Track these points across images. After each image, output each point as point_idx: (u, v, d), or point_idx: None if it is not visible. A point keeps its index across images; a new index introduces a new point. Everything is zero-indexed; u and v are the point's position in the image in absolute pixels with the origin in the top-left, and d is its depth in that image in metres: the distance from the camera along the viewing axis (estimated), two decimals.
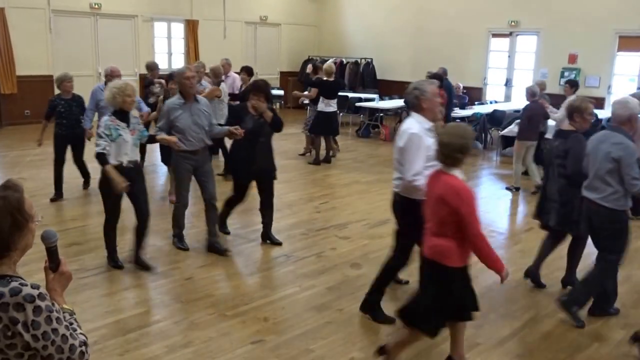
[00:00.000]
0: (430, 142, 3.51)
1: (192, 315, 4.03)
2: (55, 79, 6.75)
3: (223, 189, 5.86)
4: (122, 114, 4.50)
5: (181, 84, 4.97)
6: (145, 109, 6.89)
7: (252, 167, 5.17)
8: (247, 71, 8.35)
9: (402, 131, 3.73)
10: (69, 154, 6.84)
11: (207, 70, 8.00)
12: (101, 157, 4.35)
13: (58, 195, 6.66)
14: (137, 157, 4.67)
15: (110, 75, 6.49)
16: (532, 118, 7.49)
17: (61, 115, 6.50)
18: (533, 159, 7.80)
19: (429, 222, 3.20)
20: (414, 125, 3.68)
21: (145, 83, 8.14)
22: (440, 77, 9.08)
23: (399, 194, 3.85)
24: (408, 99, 3.82)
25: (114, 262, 4.78)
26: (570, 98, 7.26)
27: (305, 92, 9.54)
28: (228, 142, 6.61)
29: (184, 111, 4.90)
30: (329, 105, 8.98)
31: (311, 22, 16.46)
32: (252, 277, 4.81)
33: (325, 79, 8.97)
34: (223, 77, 8.12)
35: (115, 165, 4.39)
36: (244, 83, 8.25)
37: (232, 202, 5.52)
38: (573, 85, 8.08)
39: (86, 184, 7.06)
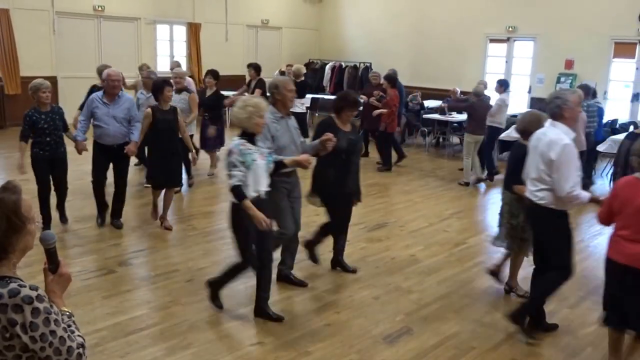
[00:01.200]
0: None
1: (192, 318, 4.08)
2: (29, 87, 5.58)
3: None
4: (251, 137, 3.81)
5: (283, 96, 4.30)
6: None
7: (343, 190, 4.68)
8: (213, 74, 7.85)
9: (552, 142, 3.64)
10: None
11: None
12: (238, 191, 3.66)
13: (47, 226, 5.50)
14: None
15: (109, 80, 5.58)
16: (473, 115, 8.41)
17: (44, 133, 5.40)
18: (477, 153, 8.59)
19: (625, 229, 3.23)
20: (563, 135, 3.65)
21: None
22: (394, 78, 9.28)
23: (545, 206, 3.76)
24: (549, 107, 3.78)
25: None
26: (501, 96, 8.63)
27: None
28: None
29: (281, 127, 4.26)
30: (295, 106, 9.08)
31: (312, 26, 16.54)
32: (251, 280, 4.84)
33: (292, 79, 9.13)
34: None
35: (252, 198, 3.72)
36: (208, 87, 7.85)
37: (328, 229, 4.96)
38: (502, 84, 9.02)
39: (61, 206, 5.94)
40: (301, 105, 9.19)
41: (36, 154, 5.50)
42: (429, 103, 11.91)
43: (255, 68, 8.43)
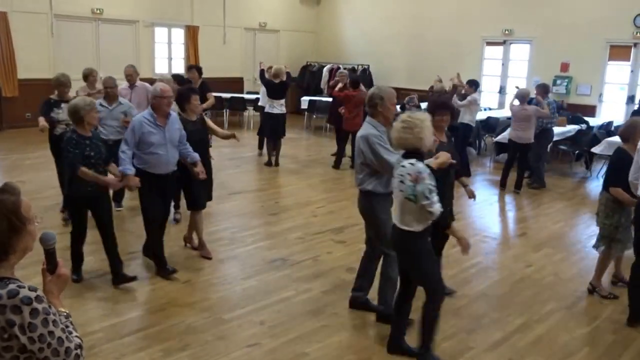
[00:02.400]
0: None
1: (189, 319, 4.07)
2: (69, 108, 4.40)
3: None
4: (419, 155, 3.38)
5: (387, 109, 3.91)
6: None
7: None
8: (198, 70, 7.72)
9: None
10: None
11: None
12: (443, 216, 3.40)
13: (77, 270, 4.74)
14: None
15: (163, 97, 4.62)
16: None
17: (88, 163, 4.32)
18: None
19: None
20: None
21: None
22: (357, 81, 9.31)
23: None
24: None
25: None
26: (473, 95, 8.87)
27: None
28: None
29: (386, 139, 3.96)
30: (273, 107, 9.12)
31: (309, 29, 16.57)
32: (249, 280, 4.87)
33: (269, 79, 9.16)
34: (125, 88, 6.84)
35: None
36: (193, 82, 7.41)
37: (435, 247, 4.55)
38: (472, 84, 9.19)
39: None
40: (280, 106, 9.18)
41: (75, 190, 4.48)
42: (426, 105, 11.93)
43: (198, 70, 7.91)
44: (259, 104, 10.53)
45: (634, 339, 4.09)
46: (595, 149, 8.66)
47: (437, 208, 3.26)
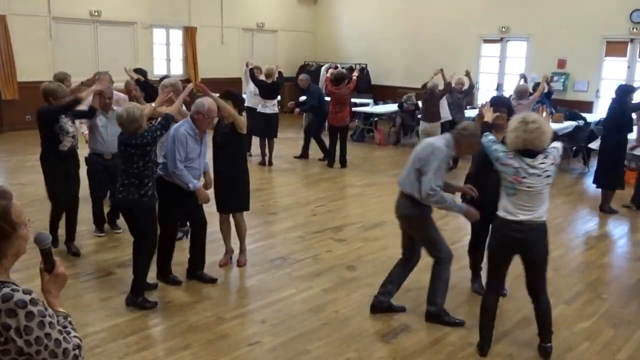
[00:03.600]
0: None
1: (191, 318, 4.10)
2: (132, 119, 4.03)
3: None
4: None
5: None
6: None
7: (482, 199, 4.13)
8: (142, 73, 7.21)
9: None
10: None
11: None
12: None
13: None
14: None
15: (211, 115, 4.49)
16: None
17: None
18: None
19: None
20: None
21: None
22: (339, 78, 9.22)
23: None
24: None
25: None
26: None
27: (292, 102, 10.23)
28: None
29: None
30: (265, 107, 9.14)
31: (307, 29, 16.59)
32: (250, 279, 4.90)
33: (262, 79, 9.17)
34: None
35: None
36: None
37: (474, 247, 4.68)
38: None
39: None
40: (272, 106, 9.21)
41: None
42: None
43: (143, 74, 7.29)
44: (246, 104, 10.44)
45: (633, 333, 4.12)
46: (592, 145, 8.70)
47: None
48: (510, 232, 3.50)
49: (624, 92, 7.15)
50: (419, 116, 10.23)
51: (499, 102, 4.26)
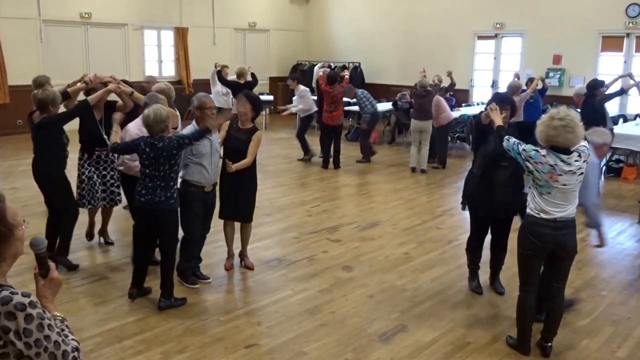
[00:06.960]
0: None
1: (187, 321, 4.07)
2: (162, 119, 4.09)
3: None
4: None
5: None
6: None
7: (487, 197, 4.28)
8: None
9: None
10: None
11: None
12: None
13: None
14: None
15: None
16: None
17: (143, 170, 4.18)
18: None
19: None
20: None
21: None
22: (332, 78, 9.22)
23: None
24: None
25: None
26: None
27: (289, 105, 10.23)
28: None
29: None
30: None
31: (299, 28, 16.55)
32: (245, 281, 4.86)
33: (232, 79, 9.15)
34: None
35: None
36: None
37: (471, 244, 4.68)
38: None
39: None
40: None
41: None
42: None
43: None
44: (216, 104, 10.06)
45: (633, 330, 4.11)
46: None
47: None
48: (546, 230, 3.49)
49: (593, 86, 7.78)
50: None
51: (503, 100, 4.21)
